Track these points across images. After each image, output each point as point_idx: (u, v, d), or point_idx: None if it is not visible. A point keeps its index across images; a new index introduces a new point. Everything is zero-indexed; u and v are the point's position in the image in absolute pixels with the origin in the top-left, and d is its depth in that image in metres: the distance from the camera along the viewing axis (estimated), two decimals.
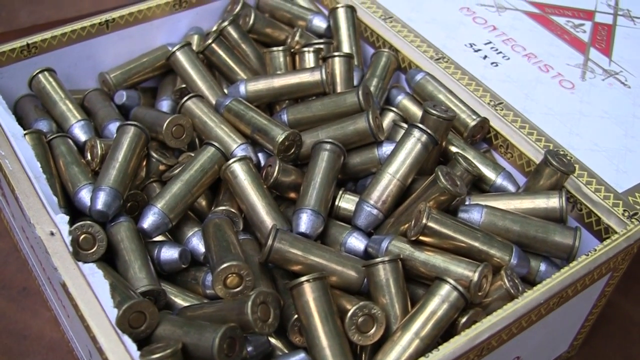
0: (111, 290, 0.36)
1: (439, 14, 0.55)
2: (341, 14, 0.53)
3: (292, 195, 0.43)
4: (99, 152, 0.44)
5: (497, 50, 0.52)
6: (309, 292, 0.36)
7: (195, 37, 0.53)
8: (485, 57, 0.51)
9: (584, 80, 0.51)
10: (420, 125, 0.42)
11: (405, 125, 0.46)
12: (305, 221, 0.40)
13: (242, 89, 0.47)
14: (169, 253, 0.41)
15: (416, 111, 0.49)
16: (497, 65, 0.51)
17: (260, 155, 0.45)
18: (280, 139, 0.43)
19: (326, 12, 0.55)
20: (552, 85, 0.50)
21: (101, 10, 0.66)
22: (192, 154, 0.45)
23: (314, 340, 0.35)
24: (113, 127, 0.46)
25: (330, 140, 0.43)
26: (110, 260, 0.40)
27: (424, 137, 0.42)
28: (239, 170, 0.42)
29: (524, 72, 0.51)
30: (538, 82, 0.50)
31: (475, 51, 0.52)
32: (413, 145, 0.42)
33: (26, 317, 0.47)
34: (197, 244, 0.42)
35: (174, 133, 0.45)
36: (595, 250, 0.40)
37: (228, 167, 0.42)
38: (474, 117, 0.46)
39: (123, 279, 0.38)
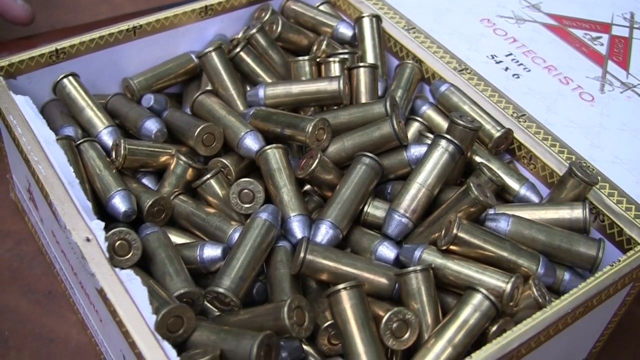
0: (149, 296, 0.36)
1: (460, 25, 0.56)
2: (366, 23, 0.53)
3: (328, 193, 0.44)
4: (122, 151, 0.45)
5: (517, 62, 0.53)
6: (345, 300, 0.37)
7: (222, 45, 0.53)
8: (506, 68, 0.52)
9: (603, 93, 0.52)
10: (448, 136, 0.43)
11: (431, 135, 0.47)
12: (322, 233, 0.42)
13: (261, 92, 0.48)
14: (212, 251, 0.41)
15: (440, 121, 0.50)
16: (518, 77, 0.52)
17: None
18: (311, 127, 0.44)
19: (349, 21, 0.56)
20: (573, 97, 0.51)
21: (118, 15, 0.67)
22: (225, 161, 0.46)
23: (351, 347, 0.36)
24: (150, 124, 0.47)
25: (371, 155, 0.44)
26: (145, 268, 0.40)
27: (451, 147, 0.43)
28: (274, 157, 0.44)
29: (545, 84, 0.52)
30: (559, 94, 0.51)
31: (497, 63, 0.53)
32: (440, 155, 0.43)
33: (52, 321, 0.48)
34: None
35: (205, 141, 0.46)
36: (620, 261, 0.41)
37: (263, 152, 0.44)
38: (499, 128, 0.47)
39: (160, 285, 0.39)
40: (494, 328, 0.38)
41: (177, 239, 0.44)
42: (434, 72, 0.52)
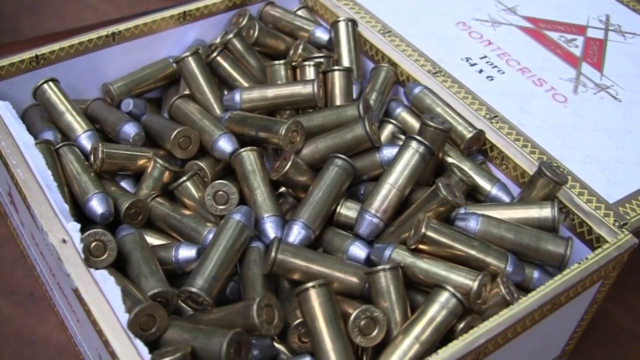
0: (122, 295, 0.37)
1: (436, 29, 0.57)
2: (342, 27, 0.54)
3: (302, 195, 0.45)
4: (100, 155, 0.46)
5: (492, 64, 0.54)
6: (314, 298, 0.38)
7: (200, 50, 0.54)
8: (481, 71, 0.53)
9: (577, 94, 0.53)
10: (418, 137, 0.44)
11: (403, 137, 0.48)
12: (295, 233, 0.43)
13: (237, 97, 0.49)
14: (186, 252, 0.43)
15: (414, 123, 0.51)
16: (492, 79, 0.53)
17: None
18: (284, 130, 0.45)
19: (326, 25, 0.57)
20: (546, 98, 0.52)
21: (102, 21, 0.68)
22: (201, 164, 0.47)
23: (319, 344, 0.37)
24: (128, 128, 0.48)
25: (344, 157, 0.45)
26: (121, 269, 0.41)
27: (422, 148, 0.44)
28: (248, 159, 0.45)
29: (519, 86, 0.53)
30: (532, 95, 0.52)
31: (471, 65, 0.54)
32: (411, 156, 0.44)
33: (33, 322, 0.49)
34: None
35: (181, 144, 0.47)
36: (587, 259, 0.42)
37: (238, 154, 0.45)
38: (471, 129, 0.48)
39: (134, 285, 0.40)
40: (462, 325, 0.39)
41: (154, 240, 0.45)
42: (408, 75, 0.53)
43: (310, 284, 0.38)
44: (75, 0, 0.73)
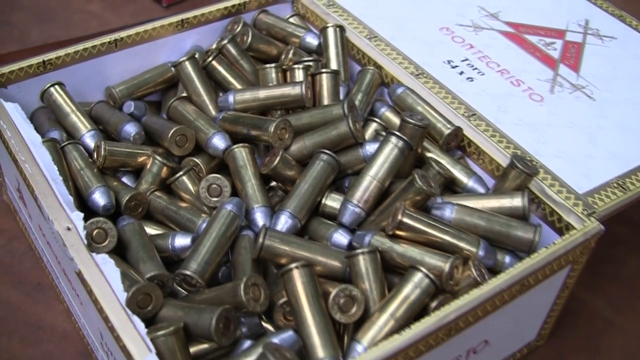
0: (121, 276, 0.42)
1: (420, 34, 0.61)
2: (331, 33, 0.59)
3: (290, 188, 0.49)
4: (102, 152, 0.50)
5: (473, 66, 0.58)
6: (297, 277, 0.42)
7: (197, 55, 0.59)
8: (461, 72, 0.58)
9: (553, 94, 0.57)
10: (397, 133, 0.48)
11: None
12: (282, 222, 0.47)
13: (230, 98, 0.53)
14: (182, 240, 0.47)
15: (397, 121, 0.55)
16: (472, 80, 0.57)
17: None
18: (273, 127, 0.49)
19: (316, 31, 0.62)
20: (523, 98, 0.56)
21: (106, 30, 0.72)
22: (196, 160, 0.51)
23: (302, 320, 0.41)
24: (129, 127, 0.53)
25: (329, 152, 0.49)
26: (121, 256, 0.46)
27: (400, 143, 0.48)
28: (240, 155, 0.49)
29: (497, 86, 0.57)
30: (510, 95, 0.56)
31: (453, 67, 0.58)
32: (390, 150, 0.48)
33: (40, 310, 0.53)
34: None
35: (178, 142, 0.52)
36: (555, 243, 0.46)
37: (231, 151, 0.50)
38: (449, 126, 0.52)
39: (133, 269, 0.44)
40: (434, 304, 0.43)
41: (152, 231, 0.50)
42: (392, 77, 0.57)
43: (293, 265, 0.42)
44: (81, 10, 0.78)
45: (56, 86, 0.54)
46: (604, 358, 0.54)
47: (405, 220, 0.45)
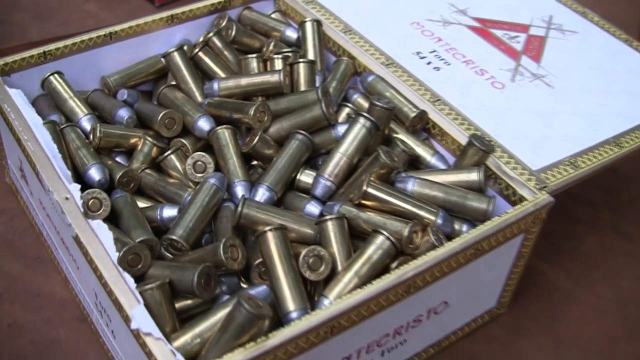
0: (114, 239, 0.47)
1: (392, 28, 0.67)
2: (308, 26, 0.65)
3: (268, 166, 0.55)
4: (98, 133, 0.56)
5: (440, 57, 0.64)
6: (271, 239, 0.47)
7: (185, 47, 0.65)
8: (429, 63, 0.63)
9: (514, 82, 0.63)
10: (365, 114, 0.54)
11: None
12: (260, 194, 0.52)
13: (215, 85, 0.59)
14: (170, 211, 0.52)
15: (367, 106, 0.61)
16: (438, 70, 0.63)
17: None
18: (253, 110, 0.55)
19: (295, 25, 0.68)
20: (485, 85, 0.62)
21: (102, 27, 0.78)
22: (183, 141, 0.57)
23: (274, 277, 0.47)
24: (122, 112, 0.58)
25: (303, 132, 0.54)
26: (114, 224, 0.51)
27: (368, 123, 0.53)
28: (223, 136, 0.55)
29: (462, 75, 0.63)
30: (473, 83, 0.62)
31: (421, 58, 0.64)
32: (359, 129, 0.53)
33: (40, 280, 0.58)
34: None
35: (167, 125, 0.57)
36: (507, 213, 0.51)
37: (215, 132, 0.55)
38: (415, 109, 0.58)
39: (124, 235, 0.50)
40: (395, 264, 0.49)
41: (143, 204, 0.55)
42: (365, 67, 0.63)
43: (267, 228, 0.47)
44: (79, 10, 0.84)
45: (55, 75, 0.60)
46: (560, 325, 0.60)
47: (370, 190, 0.50)
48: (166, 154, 0.56)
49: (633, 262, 0.65)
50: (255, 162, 0.58)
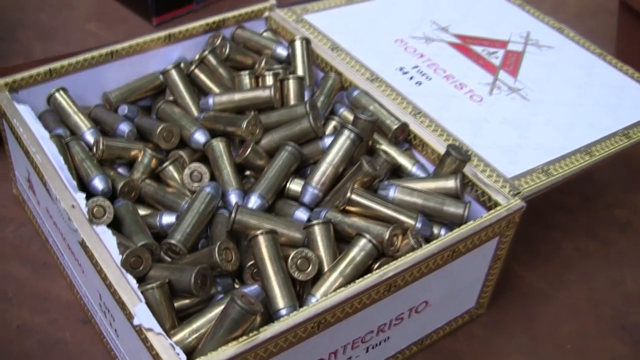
0: (117, 243, 0.52)
1: (377, 45, 0.72)
2: (298, 44, 0.69)
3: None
4: (101, 146, 0.61)
5: (422, 72, 0.69)
6: (262, 242, 0.52)
7: (182, 64, 0.69)
8: (411, 78, 0.68)
9: (491, 95, 0.68)
10: (349, 126, 0.58)
11: None
12: (252, 202, 0.57)
13: (210, 101, 0.64)
14: (168, 218, 0.57)
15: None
16: (420, 84, 0.68)
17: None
18: (245, 124, 0.60)
19: (285, 43, 0.72)
20: (464, 99, 0.67)
21: (102, 46, 0.83)
22: (181, 152, 0.62)
23: (265, 277, 0.51)
24: (123, 126, 0.63)
25: (292, 144, 0.59)
26: (117, 230, 0.56)
27: (352, 135, 0.58)
28: (217, 147, 0.60)
29: (442, 89, 0.67)
30: (453, 97, 0.67)
31: (404, 73, 0.69)
32: (344, 140, 0.58)
33: (46, 285, 0.63)
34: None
35: (165, 137, 0.62)
36: (482, 217, 0.56)
37: (210, 144, 0.60)
38: (397, 122, 0.63)
39: (126, 239, 0.54)
40: (376, 265, 0.53)
41: (143, 212, 0.60)
42: (350, 82, 0.67)
43: (259, 232, 0.52)
44: (80, 29, 0.89)
45: (60, 91, 0.64)
46: (536, 323, 0.64)
47: (354, 197, 0.55)
48: (165, 165, 0.61)
49: (606, 265, 0.70)
50: (248, 172, 0.62)
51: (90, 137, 0.63)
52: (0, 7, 0.94)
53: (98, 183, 0.58)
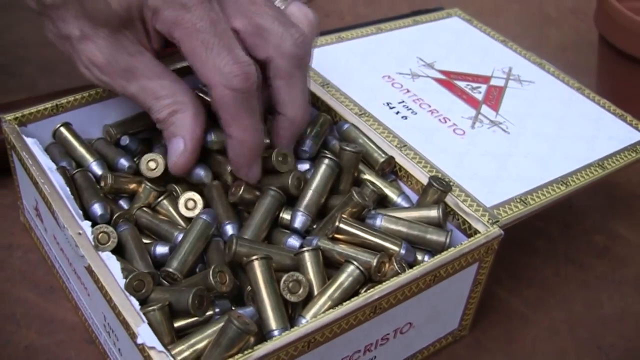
0: (121, 268, 0.57)
1: (365, 81, 0.77)
2: None
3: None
4: (109, 181, 0.66)
5: (407, 107, 0.74)
6: (257, 267, 0.57)
7: None
8: (397, 112, 0.74)
9: (474, 129, 0.73)
10: (327, 154, 0.64)
11: None
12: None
13: (210, 137, 0.68)
14: (161, 249, 0.62)
15: None
16: (406, 119, 0.73)
17: None
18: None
19: None
20: (448, 132, 0.72)
21: None
22: (175, 186, 0.67)
23: (259, 299, 0.56)
24: (123, 161, 0.68)
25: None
26: (120, 254, 0.61)
27: (331, 162, 0.64)
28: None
29: (427, 123, 0.73)
30: (436, 130, 0.72)
31: (391, 108, 0.74)
32: (324, 169, 0.64)
33: (52, 308, 0.68)
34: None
35: (149, 166, 0.67)
36: (462, 244, 0.61)
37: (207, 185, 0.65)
38: (383, 155, 0.68)
39: (129, 264, 0.59)
40: (364, 290, 0.58)
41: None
42: (340, 116, 0.73)
43: (254, 257, 0.57)
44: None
45: (65, 126, 0.70)
46: (517, 345, 0.69)
47: (342, 225, 0.60)
48: (160, 199, 0.66)
49: (584, 289, 0.75)
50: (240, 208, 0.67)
51: (96, 168, 0.68)
52: (6, 44, 1.00)
53: (97, 208, 0.63)
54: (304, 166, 0.67)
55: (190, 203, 0.64)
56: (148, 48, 0.64)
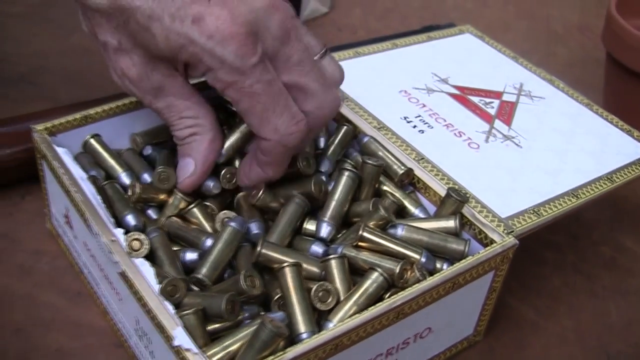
0: (155, 274, 0.60)
1: (383, 96, 0.81)
2: None
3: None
4: (137, 190, 0.69)
5: (424, 121, 0.78)
6: (288, 273, 0.60)
7: None
8: (414, 126, 0.77)
9: (487, 143, 0.76)
10: (348, 167, 0.68)
11: None
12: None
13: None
14: (190, 255, 0.65)
15: None
16: (423, 132, 0.76)
17: None
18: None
19: None
20: (463, 146, 0.76)
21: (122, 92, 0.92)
22: (212, 205, 0.70)
23: (289, 304, 0.59)
24: (146, 176, 0.72)
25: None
26: (151, 260, 0.64)
27: (352, 174, 0.68)
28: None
29: (443, 137, 0.76)
30: (452, 144, 0.76)
31: (408, 122, 0.77)
32: (345, 180, 0.67)
33: (81, 312, 0.70)
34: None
35: (161, 180, 0.70)
36: (479, 253, 0.64)
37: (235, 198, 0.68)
38: (402, 167, 0.71)
39: (161, 268, 0.62)
40: (387, 295, 0.61)
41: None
42: (360, 130, 0.76)
43: (285, 264, 0.60)
44: (101, 76, 0.97)
45: (95, 137, 0.73)
46: (527, 352, 0.72)
47: (365, 234, 0.63)
48: (190, 207, 0.69)
49: (592, 298, 0.78)
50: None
51: (125, 179, 0.71)
52: (26, 54, 1.03)
53: (131, 219, 0.66)
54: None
55: (226, 221, 0.67)
56: (182, 75, 0.66)
